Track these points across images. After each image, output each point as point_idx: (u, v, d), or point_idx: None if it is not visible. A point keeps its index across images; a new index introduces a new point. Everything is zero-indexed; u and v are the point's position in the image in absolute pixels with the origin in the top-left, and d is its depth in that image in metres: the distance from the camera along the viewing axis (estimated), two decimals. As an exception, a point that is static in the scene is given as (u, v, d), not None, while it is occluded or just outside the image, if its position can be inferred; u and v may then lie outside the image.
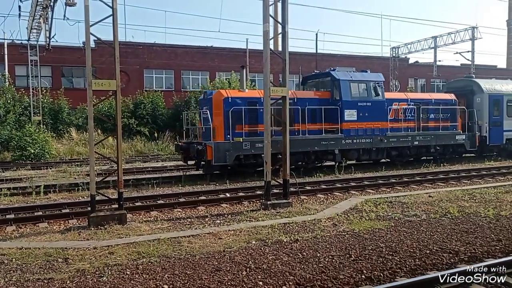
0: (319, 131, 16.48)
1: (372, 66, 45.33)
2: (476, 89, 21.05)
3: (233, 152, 14.76)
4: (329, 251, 6.47)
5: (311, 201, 11.08)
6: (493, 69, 51.40)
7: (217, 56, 38.99)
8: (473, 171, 16.17)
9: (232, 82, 32.19)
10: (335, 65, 42.84)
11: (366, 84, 17.34)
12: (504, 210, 9.05)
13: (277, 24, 11.06)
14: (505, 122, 21.01)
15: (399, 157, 18.64)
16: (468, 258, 6.17)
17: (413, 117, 18.66)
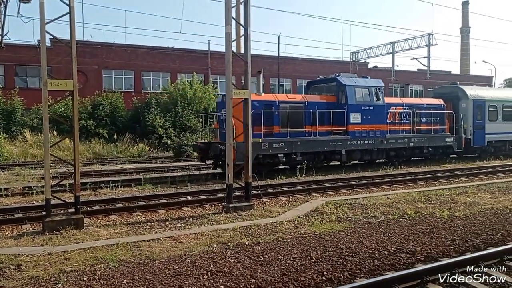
0: (327, 133, 17.62)
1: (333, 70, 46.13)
2: (461, 95, 22.55)
3: (254, 152, 14.95)
4: (290, 253, 6.49)
5: (273, 203, 11.12)
6: (447, 74, 53.46)
7: (179, 58, 38.59)
8: (429, 174, 16.70)
9: (194, 84, 31.95)
10: (296, 68, 43.67)
11: (369, 90, 18.58)
12: (458, 211, 9.38)
13: (239, 26, 11.03)
14: (487, 125, 22.60)
15: (396, 158, 19.96)
16: (425, 258, 6.35)
17: (408, 121, 20.18)
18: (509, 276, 5.74)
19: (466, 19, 76.92)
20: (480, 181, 14.34)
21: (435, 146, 20.92)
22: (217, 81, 38.32)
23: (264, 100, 16.81)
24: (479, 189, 12.42)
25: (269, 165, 16.64)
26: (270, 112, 16.52)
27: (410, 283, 5.33)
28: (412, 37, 33.30)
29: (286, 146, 16.43)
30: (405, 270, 5.68)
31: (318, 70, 45.43)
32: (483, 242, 7.14)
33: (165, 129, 28.72)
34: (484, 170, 17.35)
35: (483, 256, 6.06)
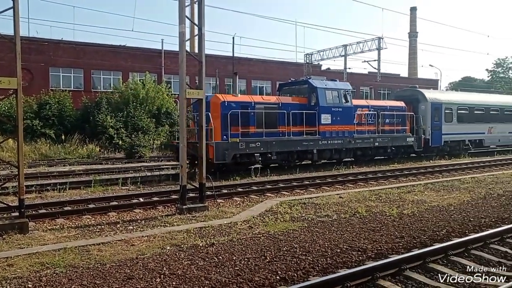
0: (300, 133, 18.36)
1: (287, 71, 46.72)
2: (421, 98, 24.08)
3: (231, 151, 16.07)
4: (244, 254, 6.48)
5: (228, 204, 11.07)
6: (396, 77, 55.44)
7: (131, 56, 37.74)
8: (379, 173, 17.20)
9: (147, 84, 31.33)
10: (251, 69, 43.82)
11: (338, 92, 19.55)
12: (406, 209, 9.71)
13: (193, 25, 10.91)
14: (443, 126, 24.17)
15: (362, 157, 20.98)
16: (375, 255, 6.52)
17: (373, 122, 21.32)
18: (453, 271, 6.00)
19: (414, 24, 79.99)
20: (427, 180, 14.93)
21: (398, 145, 22.09)
22: (170, 81, 37.79)
23: (241, 101, 17.35)
24: (426, 188, 12.92)
25: (245, 164, 17.12)
26: (247, 113, 17.03)
27: (361, 279, 5.45)
28: (364, 41, 34.22)
29: (262, 145, 17.06)
30: (357, 267, 5.80)
31: (272, 71, 45.89)
32: (429, 238, 7.43)
33: (116, 130, 27.98)
34: (430, 170, 18.09)
35: (429, 252, 6.30)
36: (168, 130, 30.47)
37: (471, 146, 26.02)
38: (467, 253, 6.64)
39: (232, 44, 36.14)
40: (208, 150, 15.03)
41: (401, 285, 5.52)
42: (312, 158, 18.89)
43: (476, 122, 26.25)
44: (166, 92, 32.43)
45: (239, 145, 16.35)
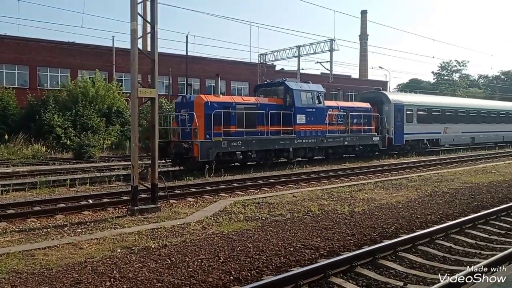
0: (277, 133, 19.17)
1: (241, 71, 46.82)
2: (385, 99, 25.45)
3: (215, 149, 16.78)
4: (198, 255, 6.40)
5: (181, 205, 10.92)
6: (348, 78, 56.84)
7: (80, 53, 36.47)
8: (331, 172, 17.55)
9: (97, 81, 30.38)
10: (205, 68, 43.54)
11: (312, 93, 20.58)
12: (357, 207, 9.95)
13: (146, 23, 10.68)
14: (405, 126, 25.58)
15: (333, 155, 22.02)
16: (327, 253, 6.63)
17: (343, 122, 22.42)
18: (401, 266, 6.20)
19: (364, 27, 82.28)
20: (377, 179, 15.38)
21: (365, 144, 23.34)
22: (122, 79, 36.89)
23: (223, 101, 18.04)
24: (375, 186, 13.30)
25: (227, 162, 17.84)
26: (228, 113, 17.66)
27: (314, 277, 5.52)
28: (316, 42, 34.78)
29: (243, 144, 17.77)
30: (309, 265, 5.87)
31: (227, 70, 45.77)
32: (379, 235, 7.64)
33: (64, 129, 26.93)
34: (380, 169, 18.66)
35: (379, 249, 6.48)
36: (119, 129, 29.71)
37: (429, 145, 27.64)
38: (415, 249, 6.89)
39: (186, 43, 35.91)
40: (193, 148, 16.12)
41: (352, 281, 5.64)
42: (288, 156, 19.74)
43: (434, 123, 27.86)
44: (117, 90, 31.60)
45: (222, 144, 17.03)
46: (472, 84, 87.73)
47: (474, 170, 17.43)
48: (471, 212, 9.57)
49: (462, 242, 7.49)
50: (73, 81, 30.93)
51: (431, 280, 5.64)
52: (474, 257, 6.65)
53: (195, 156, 16.21)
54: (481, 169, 18.01)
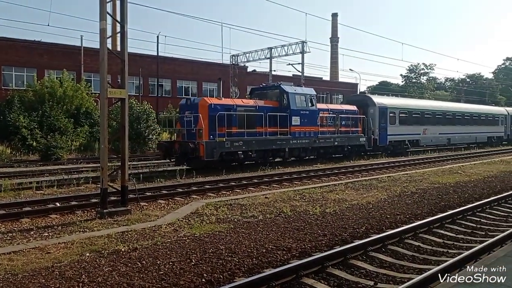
0: (274, 133, 20.08)
1: (213, 72, 46.57)
2: (370, 102, 26.74)
3: (219, 149, 17.56)
4: (169, 258, 6.32)
5: (152, 207, 10.77)
6: (319, 80, 57.40)
7: (47, 52, 35.57)
8: (303, 173, 17.65)
9: (65, 82, 29.65)
10: (176, 69, 43.18)
11: (305, 97, 21.60)
12: (328, 207, 10.04)
13: (115, 22, 10.49)
14: (388, 128, 26.89)
15: (324, 154, 23.02)
16: (299, 254, 6.66)
17: (333, 123, 23.56)
18: (372, 266, 6.28)
19: (335, 30, 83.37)
20: (348, 180, 15.57)
21: (353, 145, 24.49)
22: (90, 79, 36.15)
23: (225, 104, 18.89)
24: (346, 187, 13.46)
25: (230, 161, 18.60)
26: (230, 115, 18.50)
27: (286, 278, 5.54)
28: (288, 44, 34.94)
29: (244, 144, 18.62)
30: (282, 266, 5.88)
31: (199, 71, 45.54)
32: (350, 235, 7.73)
33: (30, 130, 26.13)
34: (351, 170, 18.89)
35: (350, 249, 6.55)
36: (88, 130, 29.09)
37: (410, 146, 29.15)
38: (384, 249, 7.01)
39: (157, 43, 35.17)
40: (199, 148, 16.96)
41: (324, 282, 5.68)
42: (284, 156, 20.74)
43: (414, 125, 29.40)
44: (85, 91, 30.90)
45: (225, 144, 17.81)
46: (439, 86, 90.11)
47: (442, 171, 17.87)
48: (438, 211, 9.80)
49: (430, 241, 7.66)
50: (40, 81, 30.07)
51: (400, 279, 5.74)
52: (441, 256, 6.81)
53: (201, 156, 16.98)
54: (448, 169, 18.48)
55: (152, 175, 16.38)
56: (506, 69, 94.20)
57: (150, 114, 28.69)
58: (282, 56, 35.57)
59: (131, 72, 11.64)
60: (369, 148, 25.63)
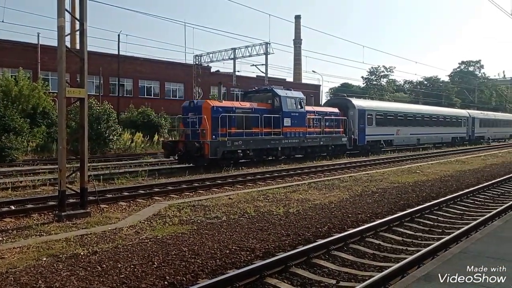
0: (269, 134, 21.59)
1: (176, 72, 46.16)
2: (350, 105, 28.65)
3: (221, 148, 18.93)
4: (131, 261, 6.18)
5: (112, 209, 10.52)
6: (282, 81, 57.79)
7: (1, 50, 34.16)
8: (267, 174, 17.70)
9: (20, 80, 28.56)
10: (138, 68, 42.46)
11: (295, 100, 23.26)
12: (292, 207, 10.11)
13: (74, 19, 10.19)
14: (366, 129, 28.94)
15: (311, 153, 24.38)
16: (263, 254, 6.67)
17: (318, 124, 25.23)
18: (334, 264, 6.37)
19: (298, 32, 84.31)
20: (311, 180, 15.74)
21: (336, 144, 26.26)
22: (48, 78, 34.99)
23: (226, 106, 20.26)
24: (309, 187, 13.61)
25: (230, 159, 19.81)
26: (230, 116, 19.87)
27: (249, 279, 5.53)
28: (252, 45, 35.06)
29: (243, 143, 20.10)
30: (245, 267, 5.88)
31: (161, 71, 44.96)
32: (313, 235, 7.82)
33: (-18, 131, 25.00)
34: (314, 170, 19.11)
35: (313, 248, 6.62)
36: (45, 131, 28.12)
37: (385, 145, 31.33)
38: (346, 247, 7.12)
39: (118, 42, 34.43)
40: (204, 147, 18.33)
41: (287, 281, 5.71)
42: (277, 154, 22.26)
43: (388, 126, 31.55)
44: (43, 90, 29.87)
45: (227, 143, 19.22)
46: (398, 88, 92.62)
47: (401, 171, 18.36)
48: (398, 210, 10.07)
49: (390, 239, 7.85)
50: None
51: (361, 277, 5.85)
52: (401, 254, 7.00)
53: (206, 154, 18.35)
54: (407, 169, 19.01)
55: (113, 176, 16.01)
56: (461, 73, 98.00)
57: (111, 115, 28.08)
58: (246, 57, 35.71)
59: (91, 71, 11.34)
60: (350, 147, 27.34)
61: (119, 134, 28.88)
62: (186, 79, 44.03)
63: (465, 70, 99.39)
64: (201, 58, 39.54)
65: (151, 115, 35.04)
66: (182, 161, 19.73)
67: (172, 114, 41.29)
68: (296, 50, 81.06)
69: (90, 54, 9.98)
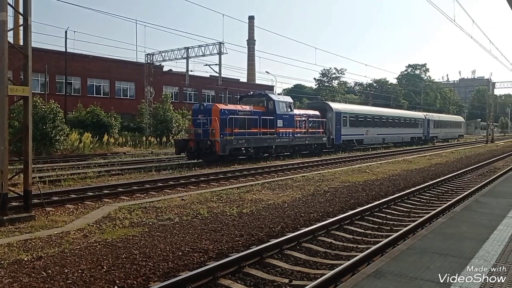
0: (265, 133, 24.30)
1: (127, 70, 45.11)
2: (328, 108, 31.71)
3: (229, 146, 21.38)
4: (78, 265, 5.95)
5: (59, 212, 10.09)
6: (236, 82, 57.90)
7: None
8: (221, 174, 17.62)
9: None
10: (87, 66, 41.15)
11: (285, 103, 26.37)
12: (245, 208, 10.11)
13: (18, 14, 9.72)
14: (342, 129, 32.09)
15: (298, 151, 27.16)
16: (216, 255, 6.62)
17: (303, 125, 27.97)
18: (287, 264, 6.42)
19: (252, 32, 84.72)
20: (264, 180, 15.81)
21: (318, 143, 29.22)
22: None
23: (230, 109, 23.01)
24: (263, 187, 13.66)
25: (235, 156, 22.50)
26: (235, 118, 22.42)
27: (203, 280, 5.48)
28: (205, 44, 34.76)
29: (246, 142, 22.72)
30: (198, 269, 5.81)
31: (111, 69, 43.80)
32: (266, 235, 7.85)
33: None
34: (267, 170, 19.22)
35: (266, 248, 6.65)
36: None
37: (356, 144, 34.73)
38: (299, 246, 7.20)
39: (65, 39, 33.15)
40: (215, 145, 20.66)
41: (240, 282, 5.70)
42: (271, 152, 24.91)
43: (359, 127, 34.89)
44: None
45: (233, 142, 21.71)
46: (349, 90, 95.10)
47: (351, 170, 18.82)
48: (349, 209, 10.31)
49: (341, 237, 8.02)
50: None
51: (314, 275, 5.93)
52: (352, 251, 7.16)
53: (217, 151, 20.69)
54: (357, 169, 19.52)
55: (59, 178, 15.40)
56: (408, 75, 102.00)
57: (58, 114, 27.01)
58: (199, 57, 35.33)
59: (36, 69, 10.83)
60: (329, 146, 30.37)
61: (66, 134, 27.85)
62: (137, 78, 43.08)
63: (412, 73, 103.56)
64: (153, 57, 38.78)
65: (100, 115, 34.04)
66: (192, 157, 22.19)
67: (123, 114, 40.42)
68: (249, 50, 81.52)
69: (35, 51, 9.57)
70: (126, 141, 33.46)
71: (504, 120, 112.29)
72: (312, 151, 28.65)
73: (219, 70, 33.98)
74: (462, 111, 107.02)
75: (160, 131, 36.16)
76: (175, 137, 32.76)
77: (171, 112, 36.91)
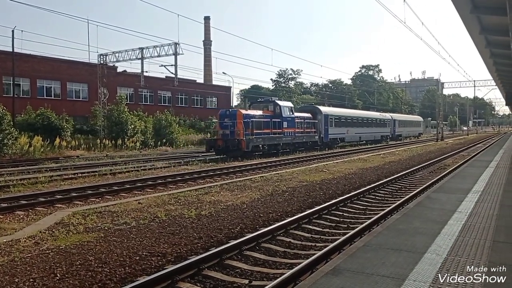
0: (275, 133, 28.92)
1: (79, 71, 43.77)
2: (318, 111, 36.72)
3: (251, 143, 25.83)
4: (30, 274, 5.71)
5: (8, 219, 9.64)
6: (193, 83, 57.34)
7: None
8: (178, 176, 17.36)
9: None
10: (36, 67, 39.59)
11: (288, 108, 31.28)
12: (204, 210, 10.03)
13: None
14: (329, 129, 37.20)
15: (297, 148, 31.59)
16: (175, 259, 6.53)
17: (300, 126, 32.52)
18: (246, 264, 6.42)
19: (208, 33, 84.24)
20: (223, 181, 15.75)
21: (311, 141, 33.89)
22: None
23: (249, 113, 27.50)
24: (222, 188, 13.60)
25: (254, 152, 26.56)
26: (253, 121, 26.78)
27: (161, 284, 5.39)
28: (160, 45, 34.20)
29: (262, 140, 27.23)
30: (156, 273, 5.70)
31: (62, 70, 42.33)
32: (225, 236, 7.82)
33: None
34: (226, 171, 19.14)
35: (225, 250, 6.62)
36: None
37: (339, 142, 39.77)
38: (258, 247, 7.22)
39: (12, 38, 31.68)
40: (242, 143, 25.06)
41: (200, 284, 5.65)
42: (279, 149, 29.24)
43: (342, 127, 40.12)
44: None
45: (254, 140, 26.16)
46: (305, 91, 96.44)
47: (309, 170, 19.08)
48: (307, 208, 10.44)
49: (300, 236, 8.10)
50: None
51: (273, 275, 5.96)
52: (310, 250, 7.25)
53: (243, 147, 25.07)
54: (314, 168, 19.80)
55: (8, 184, 14.71)
56: (362, 76, 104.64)
57: (5, 117, 25.81)
58: (154, 57, 34.68)
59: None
60: (320, 143, 35.42)
61: (14, 138, 26.65)
62: (90, 79, 41.78)
63: (366, 74, 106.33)
64: (106, 58, 37.70)
65: (51, 117, 32.79)
66: (220, 153, 26.19)
67: (75, 116, 39.13)
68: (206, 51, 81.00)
69: (-21, 50, 9.05)
70: (80, 144, 32.35)
71: (453, 119, 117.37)
72: (307, 148, 33.05)
73: (175, 71, 33.56)
74: (413, 111, 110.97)
75: (115, 133, 35.23)
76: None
77: (126, 114, 36.06)
